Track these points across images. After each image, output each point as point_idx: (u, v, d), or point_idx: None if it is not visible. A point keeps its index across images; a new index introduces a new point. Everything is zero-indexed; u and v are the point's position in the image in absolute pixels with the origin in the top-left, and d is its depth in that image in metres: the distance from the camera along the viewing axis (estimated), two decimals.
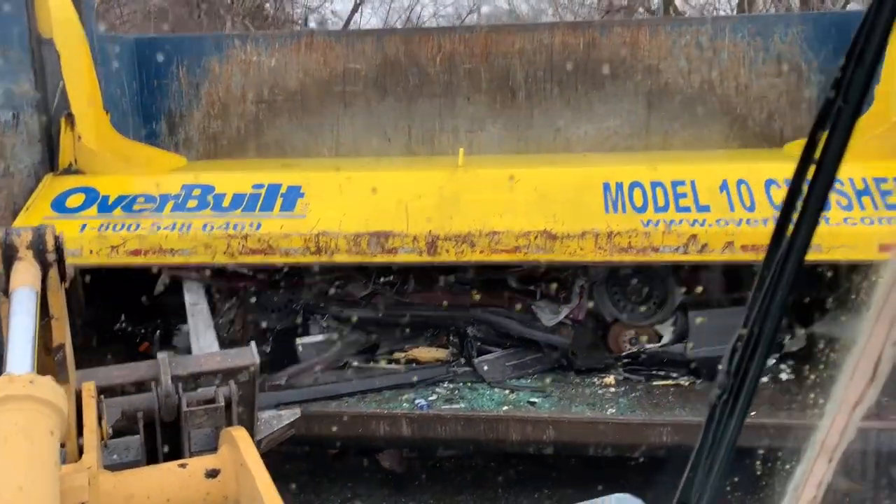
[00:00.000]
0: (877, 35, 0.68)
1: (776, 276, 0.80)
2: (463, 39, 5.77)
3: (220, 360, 3.22)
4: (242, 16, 12.72)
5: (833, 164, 0.75)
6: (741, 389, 0.85)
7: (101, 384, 2.76)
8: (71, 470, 1.93)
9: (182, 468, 2.20)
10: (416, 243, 4.25)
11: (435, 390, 4.68)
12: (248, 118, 6.14)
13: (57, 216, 4.56)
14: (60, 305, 2.32)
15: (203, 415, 2.95)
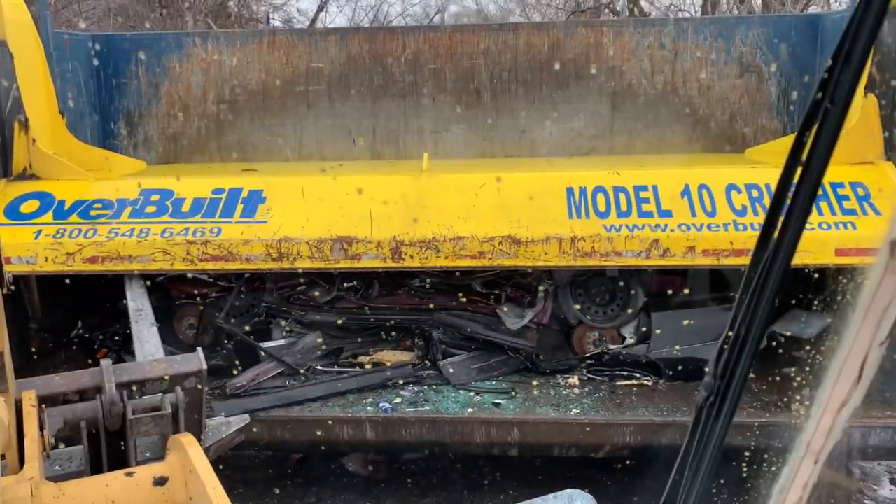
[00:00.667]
0: (863, 36, 0.68)
1: (762, 279, 0.79)
2: (428, 39, 5.73)
3: (165, 366, 3.15)
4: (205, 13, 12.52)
5: (820, 166, 0.75)
6: (727, 392, 0.84)
7: (42, 393, 2.69)
8: (12, 482, 1.89)
9: (129, 476, 2.16)
10: (380, 249, 4.22)
11: (399, 393, 4.65)
12: (208, 118, 6.03)
13: (10, 223, 4.45)
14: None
15: (149, 422, 2.88)
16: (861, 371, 0.74)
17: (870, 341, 0.72)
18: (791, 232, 0.77)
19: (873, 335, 0.72)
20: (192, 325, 4.99)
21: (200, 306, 4.91)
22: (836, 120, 0.74)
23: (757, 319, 0.81)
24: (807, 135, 0.74)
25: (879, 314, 0.70)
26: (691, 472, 0.89)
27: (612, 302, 4.77)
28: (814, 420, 0.79)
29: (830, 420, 0.77)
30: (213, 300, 4.92)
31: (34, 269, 4.36)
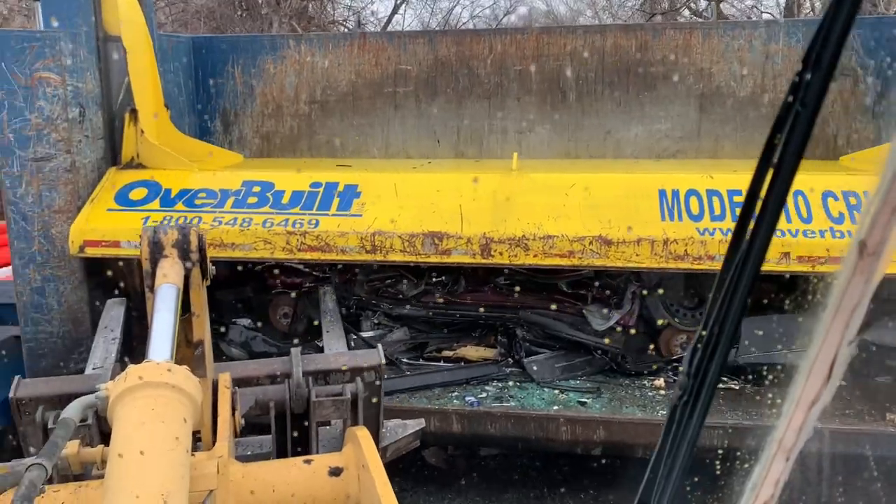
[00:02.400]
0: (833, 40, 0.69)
1: (735, 279, 0.81)
2: (514, 41, 5.80)
3: (347, 358, 3.35)
4: (289, 16, 12.85)
5: (791, 168, 0.76)
6: (701, 391, 0.85)
7: (236, 376, 2.88)
8: (203, 457, 1.97)
9: (307, 464, 2.25)
10: (469, 245, 4.29)
11: (484, 388, 4.73)
12: (300, 118, 6.24)
13: (121, 208, 4.68)
14: (201, 303, 2.42)
15: (330, 406, 3.11)
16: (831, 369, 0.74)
17: (839, 340, 0.72)
18: (762, 233, 0.78)
19: (843, 334, 0.72)
20: (287, 314, 5.17)
21: (295, 296, 5.08)
22: (807, 123, 0.74)
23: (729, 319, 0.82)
24: (778, 137, 0.75)
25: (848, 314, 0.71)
26: (666, 470, 0.90)
27: (701, 305, 4.75)
28: (785, 418, 0.79)
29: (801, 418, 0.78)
30: (307, 290, 5.09)
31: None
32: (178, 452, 1.43)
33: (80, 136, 4.83)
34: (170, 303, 2.06)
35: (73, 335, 4.92)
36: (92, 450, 1.93)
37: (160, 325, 1.93)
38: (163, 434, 1.44)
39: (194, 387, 1.62)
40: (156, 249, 2.29)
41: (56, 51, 4.69)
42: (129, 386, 1.52)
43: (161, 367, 1.59)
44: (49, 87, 4.69)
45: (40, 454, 1.38)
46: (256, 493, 2.15)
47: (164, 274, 2.21)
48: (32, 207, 4.74)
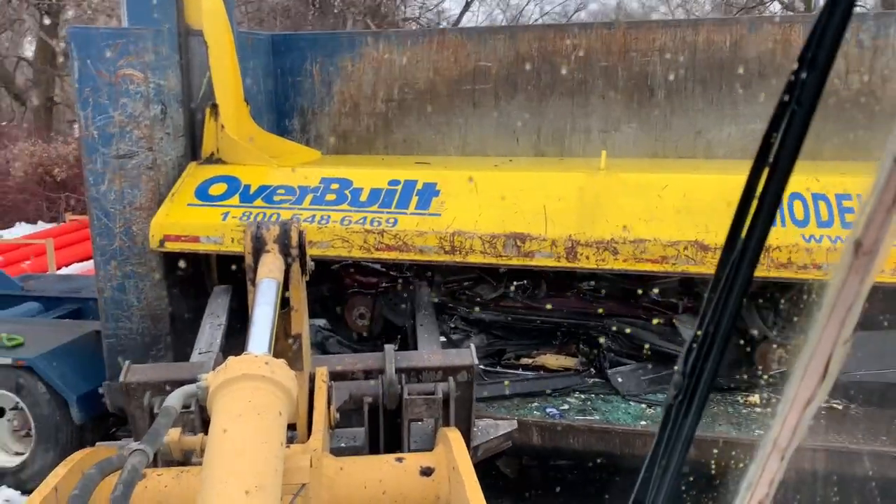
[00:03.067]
0: (829, 38, 0.69)
1: (730, 279, 0.81)
2: (600, 36, 5.56)
3: (440, 357, 3.36)
4: (363, 14, 12.86)
5: (786, 167, 0.76)
6: (696, 390, 0.85)
7: (332, 370, 2.91)
8: (298, 450, 1.99)
9: (399, 462, 2.27)
10: (554, 248, 4.09)
11: (566, 400, 4.53)
12: (377, 116, 6.14)
13: (200, 203, 4.66)
14: (300, 298, 2.47)
15: (422, 405, 3.11)
16: (826, 369, 0.74)
17: (834, 340, 0.73)
18: (758, 233, 0.78)
19: (838, 333, 0.72)
20: (363, 314, 5.08)
21: (371, 296, 4.98)
22: (802, 122, 0.74)
23: (725, 319, 0.82)
24: (774, 136, 0.75)
25: (843, 313, 0.71)
26: (661, 469, 0.90)
27: (798, 316, 4.43)
28: (780, 417, 0.79)
29: (796, 417, 0.78)
30: (383, 290, 4.98)
31: (220, 249, 4.55)
32: (272, 445, 1.44)
33: (161, 134, 4.84)
34: (270, 297, 2.08)
35: (151, 332, 4.93)
36: (192, 438, 1.98)
37: (260, 318, 1.96)
38: (258, 426, 1.46)
39: (290, 380, 1.64)
40: (258, 244, 2.32)
41: (139, 48, 4.70)
42: (228, 378, 1.57)
43: (259, 360, 1.61)
44: (132, 84, 4.71)
45: (143, 440, 1.43)
46: (348, 488, 2.16)
47: (266, 268, 2.24)
48: (114, 204, 4.77)
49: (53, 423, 5.12)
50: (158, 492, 2.19)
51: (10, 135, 15.61)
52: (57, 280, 7.57)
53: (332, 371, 2.90)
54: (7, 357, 5.13)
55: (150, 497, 2.18)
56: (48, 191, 12.42)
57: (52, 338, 5.36)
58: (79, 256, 10.36)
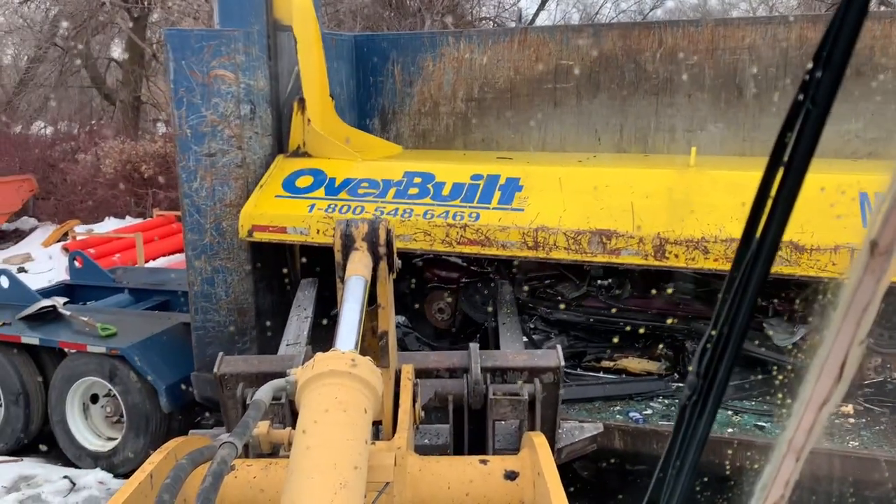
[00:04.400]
0: (844, 38, 0.69)
1: (745, 279, 0.80)
2: (687, 34, 5.44)
3: (526, 357, 3.32)
4: (441, 13, 12.93)
5: (801, 167, 0.75)
6: (710, 390, 0.86)
7: (418, 367, 2.92)
8: (382, 447, 2.00)
9: (483, 464, 2.24)
10: (641, 245, 4.02)
11: (649, 404, 4.44)
12: (456, 116, 6.16)
13: (288, 195, 4.76)
14: (387, 295, 2.47)
15: (508, 405, 3.08)
16: (842, 370, 0.74)
17: (850, 340, 0.72)
18: (773, 233, 0.78)
19: (853, 334, 0.72)
20: (442, 309, 5.10)
21: (452, 291, 5.00)
22: (817, 121, 0.73)
23: (739, 319, 0.82)
24: (788, 136, 0.74)
25: (859, 313, 0.71)
26: (675, 470, 0.90)
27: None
28: (795, 418, 0.79)
29: (812, 418, 0.78)
30: (464, 286, 4.99)
31: (306, 240, 4.64)
32: (357, 442, 1.45)
33: (250, 133, 4.97)
34: (357, 294, 2.09)
35: (238, 324, 5.08)
36: (280, 431, 2.02)
37: (347, 315, 1.97)
38: (344, 423, 1.47)
39: (376, 378, 1.64)
40: (347, 242, 2.34)
41: (231, 49, 4.84)
42: (316, 374, 1.57)
43: (346, 358, 1.62)
44: (224, 84, 4.85)
45: (232, 433, 1.45)
46: (432, 488, 2.16)
47: (354, 266, 2.25)
48: (205, 201, 4.92)
49: (144, 410, 5.33)
50: (247, 482, 2.24)
51: (100, 133, 16.31)
52: (145, 273, 7.87)
53: (417, 368, 2.90)
54: (101, 346, 5.36)
55: (240, 487, 2.23)
56: (135, 187, 12.94)
57: (144, 328, 5.57)
58: (165, 250, 10.76)
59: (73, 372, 5.53)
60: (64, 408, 5.56)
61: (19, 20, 19.23)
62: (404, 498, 2.10)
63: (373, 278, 2.35)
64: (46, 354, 5.75)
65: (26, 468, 5.58)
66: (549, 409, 3.24)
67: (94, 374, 5.46)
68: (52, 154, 15.65)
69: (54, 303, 5.91)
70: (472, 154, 5.87)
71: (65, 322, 5.78)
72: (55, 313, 5.85)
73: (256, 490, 2.22)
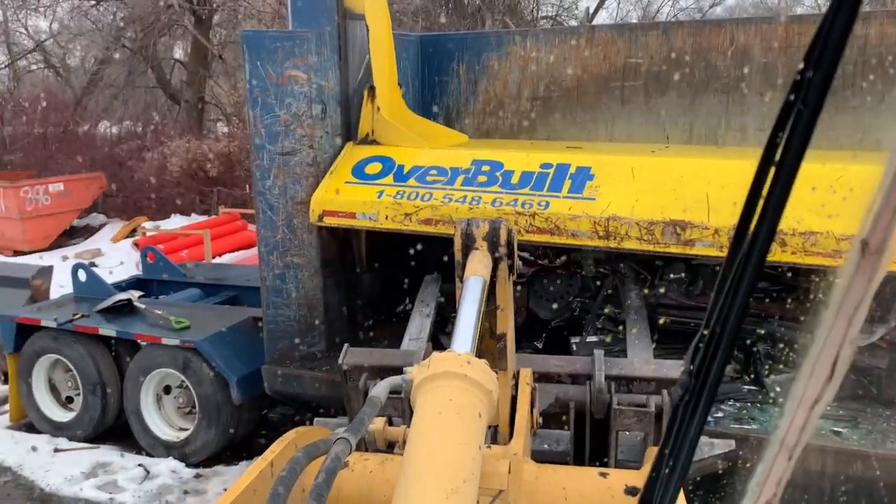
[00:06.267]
0: (834, 38, 0.69)
1: (737, 277, 0.80)
2: (760, 31, 5.33)
3: (654, 368, 3.23)
4: (502, 13, 12.92)
5: (793, 166, 0.75)
6: (703, 389, 0.85)
7: (538, 371, 2.87)
8: (498, 453, 1.96)
9: (603, 477, 2.19)
10: (716, 237, 3.95)
11: (721, 407, 4.37)
12: (521, 114, 6.15)
13: (357, 181, 4.83)
14: (507, 297, 2.42)
15: (633, 416, 2.99)
16: (833, 368, 0.74)
17: (841, 339, 0.72)
18: (765, 232, 0.78)
19: (845, 333, 0.72)
20: None
21: (518, 286, 5.00)
22: (809, 121, 0.74)
23: (732, 317, 0.82)
24: (780, 136, 0.75)
25: (851, 312, 0.71)
26: (668, 469, 0.89)
27: None
28: (788, 417, 0.79)
29: (804, 417, 0.78)
30: (528, 280, 4.98)
31: (376, 226, 4.70)
32: (470, 447, 1.41)
33: (321, 133, 5.06)
34: (476, 295, 2.06)
35: (307, 320, 5.18)
36: (396, 429, 2.04)
37: (465, 316, 1.95)
38: (457, 426, 1.44)
39: (492, 382, 1.61)
40: (467, 241, 2.30)
41: (304, 50, 4.94)
42: (431, 374, 1.56)
43: (461, 359, 1.59)
44: (297, 84, 4.95)
45: (348, 428, 1.46)
46: (547, 498, 2.11)
47: (473, 266, 2.22)
48: (278, 198, 5.04)
49: (215, 402, 5.47)
50: (364, 476, 2.25)
51: (165, 132, 16.79)
52: (213, 268, 8.08)
53: (536, 372, 2.81)
54: (175, 338, 5.53)
55: (356, 480, 2.24)
56: (200, 185, 13.28)
57: (215, 322, 5.72)
58: (231, 247, 11.02)
59: (147, 363, 5.72)
60: (139, 398, 5.75)
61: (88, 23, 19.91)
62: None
63: (492, 279, 2.32)
64: (122, 346, 5.95)
65: (103, 455, 5.79)
66: None
67: (167, 366, 5.63)
68: (119, 152, 16.17)
69: (130, 296, 6.12)
70: (540, 143, 5.85)
71: (140, 315, 5.98)
72: (130, 306, 6.06)
73: (372, 484, 2.23)
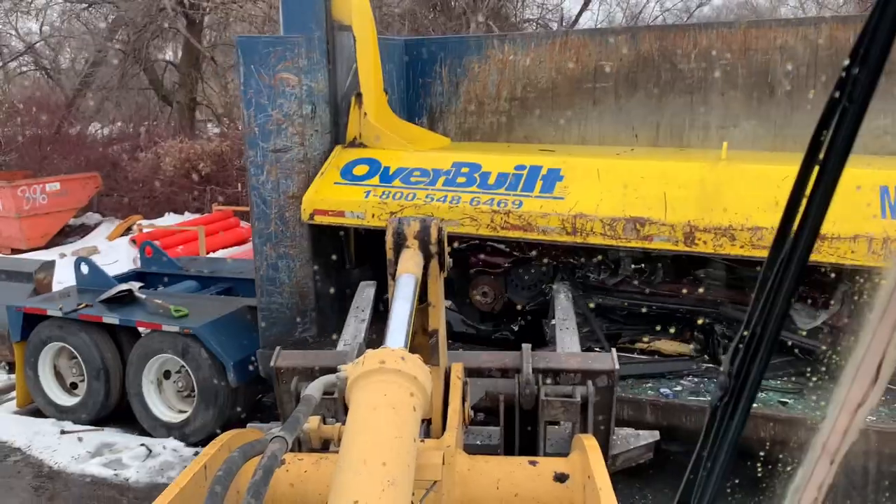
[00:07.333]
0: (881, 35, 0.67)
1: (779, 278, 0.78)
2: (721, 35, 5.72)
3: (579, 360, 3.30)
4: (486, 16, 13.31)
5: (837, 166, 0.73)
6: (742, 391, 0.83)
7: (468, 366, 2.91)
8: (431, 446, 2.04)
9: (532, 465, 2.24)
10: (672, 232, 4.33)
11: (680, 382, 4.76)
12: (500, 114, 6.53)
13: (345, 182, 5.19)
14: (438, 293, 2.47)
15: (559, 407, 3.05)
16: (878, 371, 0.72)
17: (887, 342, 0.70)
18: (808, 232, 0.76)
19: (890, 335, 0.70)
20: (485, 293, 5.47)
21: (495, 276, 5.36)
22: (854, 119, 0.71)
23: (773, 319, 0.79)
24: (824, 134, 0.72)
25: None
26: (706, 471, 0.88)
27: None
28: (830, 420, 0.77)
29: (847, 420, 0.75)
30: (505, 270, 5.35)
31: (363, 224, 5.06)
32: (406, 440, 1.43)
33: (311, 131, 5.41)
34: (408, 292, 2.09)
35: (299, 307, 5.53)
36: (331, 427, 2.06)
37: (397, 313, 1.97)
38: (392, 420, 1.45)
39: (425, 376, 1.62)
40: (399, 240, 2.34)
41: (295, 54, 5.28)
42: (366, 370, 1.56)
43: (395, 355, 1.60)
44: (288, 86, 5.30)
45: (283, 427, 1.47)
46: (480, 488, 2.16)
47: (405, 264, 2.25)
48: (271, 193, 5.38)
49: (213, 385, 5.81)
50: (298, 476, 2.26)
51: (158, 133, 17.07)
52: (208, 262, 8.41)
53: (467, 367, 2.83)
54: (175, 325, 5.86)
55: (290, 480, 2.25)
56: (193, 184, 13.61)
57: (212, 310, 6.06)
58: (224, 243, 11.34)
59: (148, 350, 6.05)
60: (140, 382, 6.08)
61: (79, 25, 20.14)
62: (453, 497, 2.08)
63: (423, 276, 2.33)
64: (124, 334, 6.28)
65: (107, 436, 6.13)
66: (604, 413, 3.18)
67: (167, 352, 5.96)
68: (113, 153, 16.46)
69: (131, 287, 6.45)
70: (516, 146, 6.23)
71: (140, 304, 6.31)
72: (131, 296, 6.39)
73: (307, 483, 2.24)
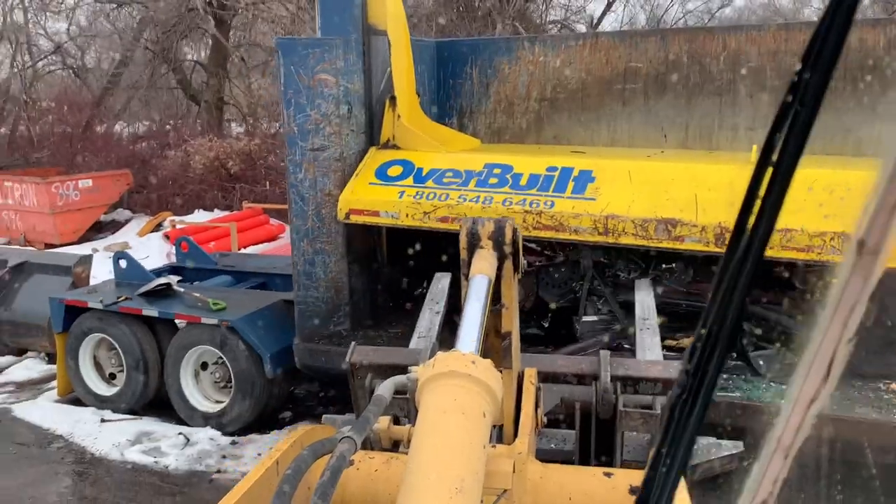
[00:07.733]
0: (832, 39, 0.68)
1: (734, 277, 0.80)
2: (750, 38, 5.80)
3: (660, 368, 3.23)
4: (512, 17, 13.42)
5: (790, 167, 0.75)
6: (700, 389, 0.84)
7: (542, 371, 2.84)
8: (503, 452, 2.01)
9: (607, 477, 2.19)
10: (703, 234, 4.43)
11: None
12: (530, 114, 6.64)
13: (380, 183, 5.34)
14: (512, 295, 2.44)
15: (639, 418, 2.96)
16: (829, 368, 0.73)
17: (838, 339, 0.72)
18: (761, 231, 0.77)
19: (841, 333, 0.72)
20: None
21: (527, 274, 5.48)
22: (806, 122, 0.74)
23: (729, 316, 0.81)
24: (777, 136, 0.75)
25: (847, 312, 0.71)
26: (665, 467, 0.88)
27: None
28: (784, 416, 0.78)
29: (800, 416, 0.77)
30: (536, 269, 5.46)
31: (397, 223, 5.21)
32: (475, 446, 1.41)
33: (347, 130, 5.57)
34: (481, 293, 2.04)
35: (334, 301, 5.69)
36: (401, 428, 2.07)
37: (470, 315, 1.93)
38: (462, 425, 1.44)
39: (496, 381, 1.60)
40: (473, 240, 2.30)
41: (332, 56, 5.44)
42: (435, 373, 1.55)
43: (466, 359, 1.58)
44: (326, 87, 5.46)
45: (353, 427, 1.48)
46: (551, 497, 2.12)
47: (479, 265, 2.21)
48: (308, 190, 5.54)
49: (249, 376, 5.98)
50: (368, 475, 2.25)
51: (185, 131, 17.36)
52: (241, 257, 8.61)
53: (542, 372, 2.78)
54: (214, 318, 6.04)
55: (361, 479, 2.24)
56: (223, 182, 13.85)
57: (249, 304, 6.24)
58: (254, 240, 11.56)
59: (187, 341, 6.24)
60: (178, 373, 6.27)
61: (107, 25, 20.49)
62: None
63: (497, 277, 2.28)
64: (162, 326, 6.47)
65: (146, 425, 6.32)
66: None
67: (205, 344, 6.15)
68: (142, 151, 16.76)
69: (169, 280, 6.65)
70: (546, 147, 6.34)
71: (178, 298, 6.50)
72: (170, 290, 6.58)
73: (377, 483, 2.23)
